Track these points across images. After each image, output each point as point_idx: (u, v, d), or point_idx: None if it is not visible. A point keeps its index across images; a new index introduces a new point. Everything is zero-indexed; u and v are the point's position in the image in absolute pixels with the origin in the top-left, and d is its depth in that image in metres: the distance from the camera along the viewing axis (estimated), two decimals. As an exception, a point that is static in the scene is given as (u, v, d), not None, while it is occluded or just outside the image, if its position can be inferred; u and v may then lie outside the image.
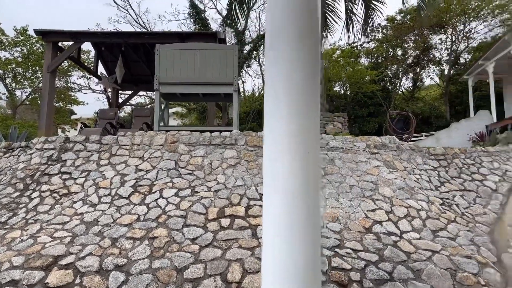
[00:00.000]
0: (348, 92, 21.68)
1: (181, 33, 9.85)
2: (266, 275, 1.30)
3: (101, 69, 11.89)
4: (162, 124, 7.86)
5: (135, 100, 23.01)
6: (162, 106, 8.22)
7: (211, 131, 6.48)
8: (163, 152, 5.94)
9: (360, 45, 22.47)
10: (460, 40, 20.88)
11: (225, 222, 4.54)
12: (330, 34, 14.94)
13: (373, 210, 4.97)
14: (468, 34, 20.60)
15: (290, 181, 1.24)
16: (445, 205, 5.45)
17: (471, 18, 19.56)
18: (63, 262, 3.82)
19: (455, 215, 5.19)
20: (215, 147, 6.07)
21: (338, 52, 22.53)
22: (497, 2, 18.80)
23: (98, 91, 21.34)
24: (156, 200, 4.93)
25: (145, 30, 20.22)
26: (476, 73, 16.72)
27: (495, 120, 15.24)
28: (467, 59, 21.49)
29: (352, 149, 6.27)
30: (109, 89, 11.96)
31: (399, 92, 23.84)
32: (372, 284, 3.72)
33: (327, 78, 19.37)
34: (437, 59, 22.24)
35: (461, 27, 20.33)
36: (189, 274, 3.71)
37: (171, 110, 24.15)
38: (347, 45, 22.38)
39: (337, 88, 22.56)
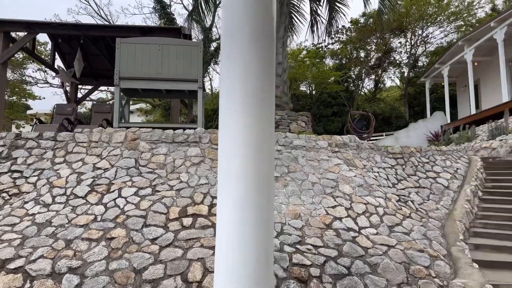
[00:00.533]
0: (314, 92, 22.11)
1: (144, 27, 9.57)
2: (218, 275, 1.28)
3: (58, 62, 11.29)
4: (122, 120, 7.60)
5: (96, 95, 22.11)
6: (123, 102, 7.94)
7: (174, 129, 6.34)
8: (123, 149, 5.74)
9: (325, 46, 22.97)
10: (418, 44, 21.93)
11: (187, 221, 4.47)
12: (295, 34, 15.18)
13: (333, 207, 5.10)
14: (425, 39, 21.69)
15: (243, 176, 1.23)
16: (401, 202, 5.69)
17: (429, 24, 20.60)
18: (12, 265, 3.60)
19: (410, 211, 5.44)
20: (179, 145, 5.95)
21: (304, 52, 22.91)
22: (452, 10, 19.92)
23: (55, 85, 20.28)
24: (114, 199, 4.75)
25: (107, 23, 19.45)
26: (432, 76, 17.66)
27: (449, 121, 16.17)
28: (425, 63, 22.62)
29: (315, 147, 6.39)
30: (67, 84, 11.38)
31: (362, 92, 24.65)
32: (331, 279, 3.81)
33: (294, 77, 19.62)
34: (398, 61, 23.23)
35: (420, 32, 21.35)
36: (148, 275, 3.61)
37: (134, 107, 23.43)
38: (312, 46, 22.81)
39: (303, 87, 22.94)
